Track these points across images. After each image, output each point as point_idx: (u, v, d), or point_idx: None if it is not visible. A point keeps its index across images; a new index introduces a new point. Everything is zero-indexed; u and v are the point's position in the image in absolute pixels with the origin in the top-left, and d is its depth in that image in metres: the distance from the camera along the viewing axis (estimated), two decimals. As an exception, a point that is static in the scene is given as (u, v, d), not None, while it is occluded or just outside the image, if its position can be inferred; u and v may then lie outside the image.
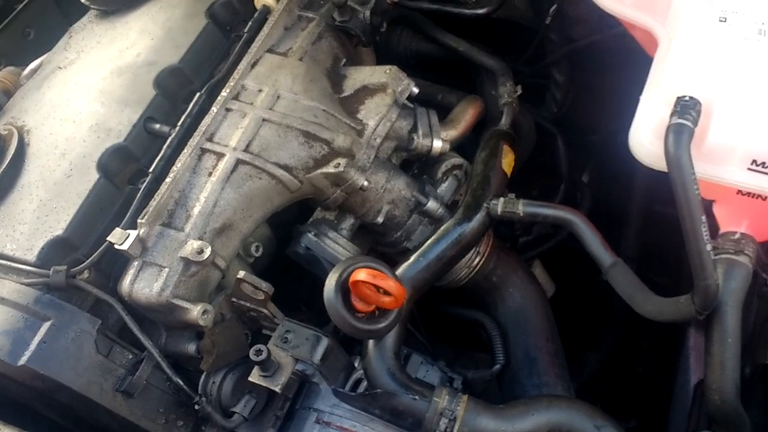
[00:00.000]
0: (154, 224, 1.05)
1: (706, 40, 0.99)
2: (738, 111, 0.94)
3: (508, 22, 1.64)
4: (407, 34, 1.59)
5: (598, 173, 1.80)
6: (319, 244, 1.16)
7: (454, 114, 1.31)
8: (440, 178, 1.24)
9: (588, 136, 1.77)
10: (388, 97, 1.19)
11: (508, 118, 1.29)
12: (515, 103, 1.32)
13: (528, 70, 1.68)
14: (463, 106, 1.33)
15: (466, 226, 1.13)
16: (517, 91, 1.33)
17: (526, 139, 1.56)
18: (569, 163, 1.64)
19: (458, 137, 1.27)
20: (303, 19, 1.29)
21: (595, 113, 1.76)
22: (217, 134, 1.14)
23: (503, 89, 1.33)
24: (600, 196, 1.78)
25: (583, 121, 1.77)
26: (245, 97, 1.18)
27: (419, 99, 1.49)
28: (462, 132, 1.27)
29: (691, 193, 0.90)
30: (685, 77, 0.97)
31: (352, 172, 1.12)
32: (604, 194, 1.81)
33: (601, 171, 1.80)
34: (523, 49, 1.73)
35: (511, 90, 1.33)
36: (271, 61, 1.22)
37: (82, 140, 1.17)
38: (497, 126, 1.28)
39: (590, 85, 1.71)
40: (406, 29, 1.58)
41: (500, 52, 1.66)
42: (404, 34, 1.59)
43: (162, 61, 1.25)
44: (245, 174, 1.10)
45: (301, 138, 1.13)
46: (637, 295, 1.02)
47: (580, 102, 1.72)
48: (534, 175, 1.69)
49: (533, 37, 1.69)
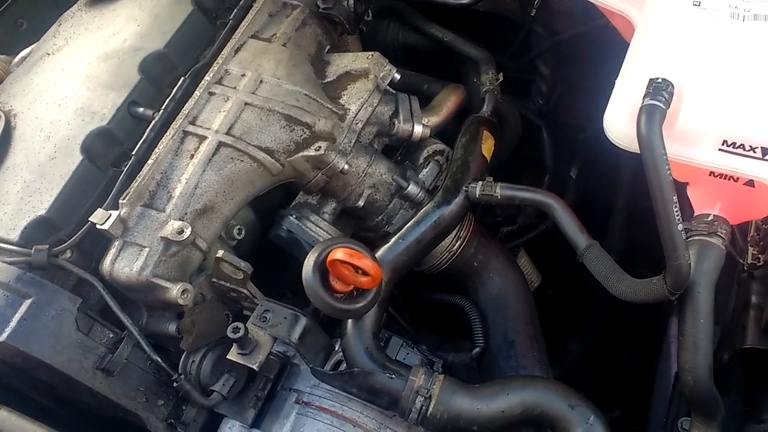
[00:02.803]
0: (135, 205, 1.06)
1: (680, 23, 1.00)
2: (709, 93, 0.95)
3: (495, 15, 1.65)
4: (394, 25, 1.60)
5: (586, 169, 1.81)
6: (301, 227, 1.17)
7: (436, 101, 1.32)
8: (422, 164, 1.25)
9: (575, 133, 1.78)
10: (369, 82, 1.20)
11: (490, 105, 1.31)
12: (497, 91, 1.33)
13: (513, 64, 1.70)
14: (445, 94, 1.34)
15: (444, 209, 1.14)
16: (498, 78, 1.34)
17: (512, 131, 1.58)
18: (554, 155, 1.65)
19: (440, 123, 1.28)
20: (287, 6, 1.30)
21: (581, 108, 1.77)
22: (199, 117, 1.15)
23: (485, 77, 1.35)
24: (587, 190, 1.80)
25: (569, 117, 1.78)
26: (228, 81, 1.19)
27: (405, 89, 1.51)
28: (444, 118, 1.29)
29: (663, 174, 0.91)
30: (658, 60, 0.98)
31: (333, 156, 1.14)
32: (591, 189, 1.82)
33: (589, 166, 1.81)
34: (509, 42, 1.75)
35: (493, 78, 1.34)
36: (255, 46, 1.23)
37: (67, 123, 1.18)
38: (478, 112, 1.29)
39: (576, 79, 1.72)
40: (393, 21, 1.59)
41: (487, 45, 1.68)
42: (391, 25, 1.61)
43: (147, 47, 1.26)
44: (227, 156, 1.11)
45: (282, 121, 1.15)
46: (611, 276, 1.03)
47: (566, 97, 1.73)
48: (520, 169, 1.71)
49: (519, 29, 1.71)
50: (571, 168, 1.80)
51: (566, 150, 1.78)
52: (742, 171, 0.93)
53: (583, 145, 1.78)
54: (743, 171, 0.93)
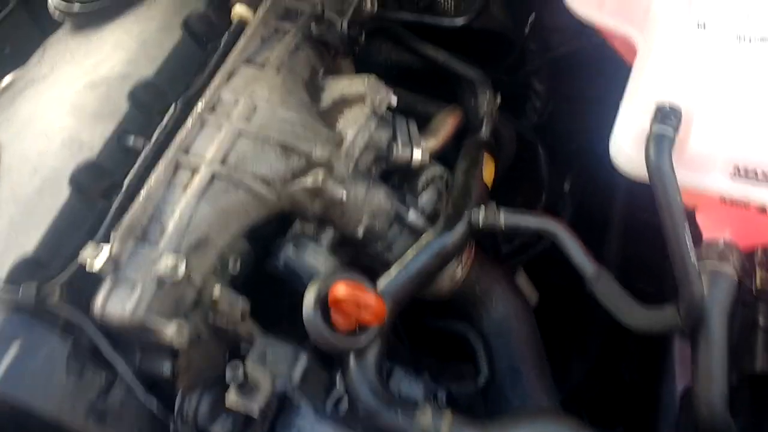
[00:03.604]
0: (126, 240, 1.02)
1: (685, 46, 0.98)
2: (719, 118, 0.93)
3: (487, 32, 1.63)
4: (387, 45, 1.58)
5: (579, 181, 1.79)
6: (298, 258, 1.13)
7: (433, 124, 1.30)
8: (421, 189, 1.22)
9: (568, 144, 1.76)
10: (366, 107, 1.17)
11: (488, 127, 1.28)
12: (495, 113, 1.31)
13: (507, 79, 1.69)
14: (442, 116, 1.31)
15: (447, 237, 1.11)
16: (496, 100, 1.31)
17: (507, 149, 1.55)
18: (550, 172, 1.63)
19: (438, 147, 1.25)
20: (280, 30, 1.27)
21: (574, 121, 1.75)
22: (192, 147, 1.12)
23: (482, 98, 1.32)
24: (582, 203, 1.77)
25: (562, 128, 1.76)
26: (221, 109, 1.16)
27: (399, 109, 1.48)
28: (442, 142, 1.26)
29: (675, 204, 0.89)
30: (664, 84, 0.96)
31: (331, 184, 1.10)
32: (586, 202, 1.80)
33: (582, 179, 1.79)
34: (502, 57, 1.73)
35: (491, 99, 1.31)
36: (248, 72, 1.20)
37: (54, 155, 1.14)
38: (477, 135, 1.26)
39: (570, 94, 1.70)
40: (385, 40, 1.57)
41: (480, 61, 1.66)
42: (384, 45, 1.58)
43: (136, 74, 1.22)
44: (221, 188, 1.08)
45: (278, 150, 1.11)
46: (621, 306, 1.00)
47: (559, 109, 1.71)
48: (515, 185, 1.68)
49: (512, 46, 1.69)
50: (564, 181, 1.78)
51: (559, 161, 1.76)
52: (755, 199, 0.91)
53: (575, 157, 1.77)
54: (755, 199, 0.91)
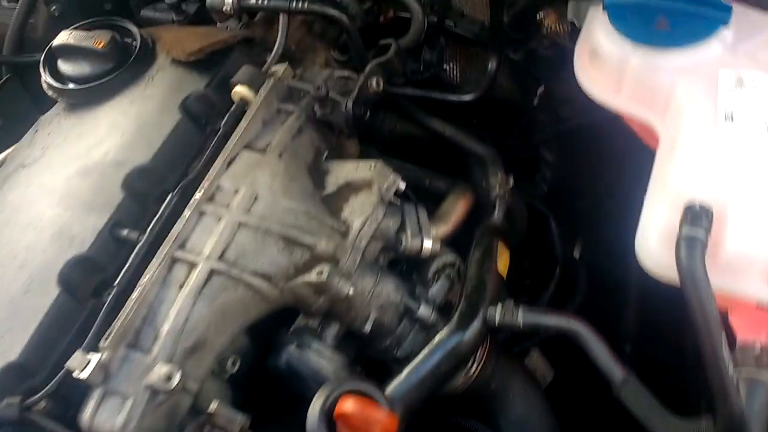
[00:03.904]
0: (118, 347, 0.95)
1: (713, 139, 0.92)
2: (754, 217, 0.87)
3: (495, 100, 1.59)
4: (391, 116, 1.53)
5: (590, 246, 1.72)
6: (301, 357, 1.06)
7: (443, 208, 1.24)
8: (431, 278, 1.16)
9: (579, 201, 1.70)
10: (373, 195, 1.11)
11: (501, 211, 1.22)
12: (508, 195, 1.25)
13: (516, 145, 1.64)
14: (452, 199, 1.25)
15: (461, 336, 1.04)
16: (508, 182, 1.26)
17: (518, 224, 1.49)
18: (563, 245, 1.57)
19: (449, 233, 1.19)
20: (282, 112, 1.22)
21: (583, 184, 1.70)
22: (189, 241, 1.05)
23: (494, 180, 1.26)
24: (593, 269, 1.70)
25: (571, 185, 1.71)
26: (221, 199, 1.10)
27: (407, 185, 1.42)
28: (453, 228, 1.20)
29: (710, 313, 0.82)
30: (692, 181, 0.90)
31: (337, 280, 1.04)
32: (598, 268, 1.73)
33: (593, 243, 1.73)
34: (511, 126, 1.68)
35: (503, 180, 1.26)
36: (249, 158, 1.14)
37: (43, 250, 1.08)
38: (490, 220, 1.20)
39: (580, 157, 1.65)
40: (390, 112, 1.52)
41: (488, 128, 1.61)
42: (389, 116, 1.53)
43: (132, 160, 1.17)
44: (219, 285, 1.01)
45: (280, 243, 1.05)
46: (652, 416, 0.92)
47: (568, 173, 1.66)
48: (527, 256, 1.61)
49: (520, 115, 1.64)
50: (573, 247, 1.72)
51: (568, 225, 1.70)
52: (797, 306, 0.84)
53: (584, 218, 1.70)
54: (797, 306, 0.84)
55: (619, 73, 1.05)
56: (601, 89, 1.08)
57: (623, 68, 1.04)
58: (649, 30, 1.01)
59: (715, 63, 0.99)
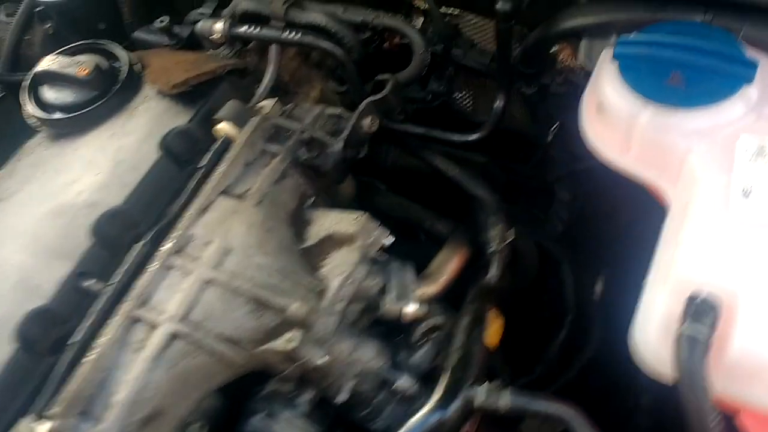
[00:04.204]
0: (68, 415, 0.89)
1: (726, 219, 0.81)
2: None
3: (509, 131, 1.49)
4: (395, 150, 1.44)
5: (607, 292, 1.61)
6: (271, 428, 0.99)
7: (434, 265, 1.14)
8: (417, 342, 1.07)
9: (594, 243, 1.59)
10: (355, 251, 1.03)
11: (498, 269, 1.12)
12: (506, 252, 1.15)
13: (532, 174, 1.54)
14: (445, 255, 1.16)
15: (441, 414, 0.95)
16: (508, 236, 1.16)
17: (527, 267, 1.39)
18: (576, 294, 1.46)
19: (438, 294, 1.10)
20: (266, 153, 1.14)
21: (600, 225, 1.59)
22: (153, 298, 0.98)
23: (493, 232, 1.16)
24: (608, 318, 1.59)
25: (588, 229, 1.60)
26: (191, 251, 1.02)
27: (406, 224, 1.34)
28: (443, 288, 1.10)
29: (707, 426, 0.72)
30: (700, 266, 0.80)
31: (308, 348, 0.96)
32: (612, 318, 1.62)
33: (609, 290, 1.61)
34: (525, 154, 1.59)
35: (502, 235, 1.16)
36: (225, 205, 1.07)
37: (3, 298, 1.02)
38: (484, 281, 1.11)
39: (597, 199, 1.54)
40: (393, 145, 1.43)
41: (501, 155, 1.52)
42: (391, 149, 1.45)
43: (104, 202, 1.10)
44: (180, 350, 0.94)
45: (250, 305, 0.97)
46: None
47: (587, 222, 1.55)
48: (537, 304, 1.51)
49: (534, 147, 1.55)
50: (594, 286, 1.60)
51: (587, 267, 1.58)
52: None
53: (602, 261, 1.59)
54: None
55: (628, 131, 0.94)
56: (607, 146, 0.98)
57: (632, 126, 0.93)
58: (661, 86, 0.90)
59: (735, 127, 0.88)
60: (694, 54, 0.91)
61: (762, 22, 0.97)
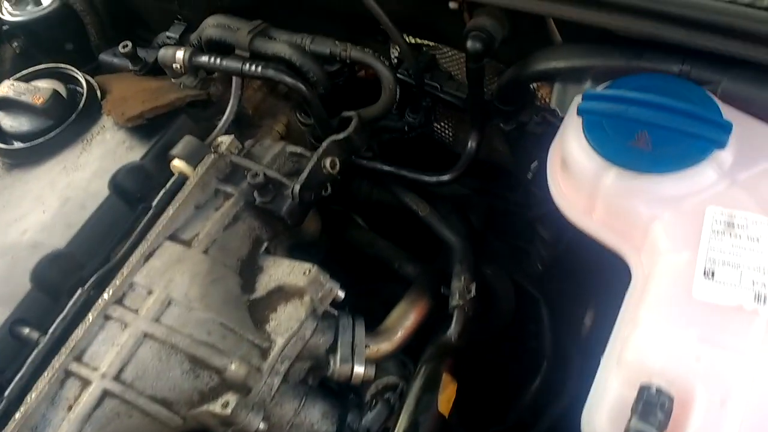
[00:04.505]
0: (-12, 479, 0.85)
1: (686, 302, 0.74)
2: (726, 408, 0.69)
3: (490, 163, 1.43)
4: (367, 184, 1.39)
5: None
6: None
7: (391, 320, 1.08)
8: (369, 401, 1.01)
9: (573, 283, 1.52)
10: (303, 307, 0.97)
11: (458, 326, 1.06)
12: (468, 308, 1.09)
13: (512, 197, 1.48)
14: (403, 308, 1.10)
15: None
16: (471, 290, 1.09)
17: (503, 309, 1.34)
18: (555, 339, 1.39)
19: (393, 351, 1.04)
20: (220, 194, 1.08)
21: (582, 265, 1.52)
22: (87, 352, 0.94)
23: (456, 284, 1.10)
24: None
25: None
26: (131, 302, 0.97)
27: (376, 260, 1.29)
28: (398, 346, 1.04)
29: None
30: (655, 353, 0.73)
31: (244, 413, 0.91)
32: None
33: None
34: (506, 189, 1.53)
35: (466, 287, 1.09)
36: (171, 252, 1.01)
37: (-62, 346, 0.98)
38: (442, 339, 1.05)
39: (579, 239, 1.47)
40: (366, 180, 1.38)
41: (482, 188, 1.46)
42: (364, 183, 1.39)
43: (48, 243, 1.06)
44: (112, 410, 0.90)
45: (186, 364, 0.92)
46: None
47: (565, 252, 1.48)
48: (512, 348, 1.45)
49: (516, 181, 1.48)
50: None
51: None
52: None
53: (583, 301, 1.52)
54: None
55: (592, 192, 0.87)
56: (571, 205, 0.91)
57: (596, 186, 0.86)
58: (626, 147, 0.84)
59: (704, 195, 0.81)
60: (662, 113, 0.84)
61: (742, 76, 0.90)
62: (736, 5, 0.86)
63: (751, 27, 0.84)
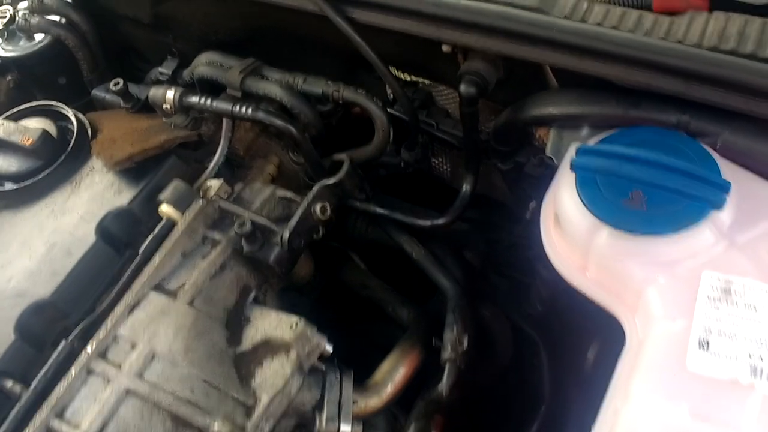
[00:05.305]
0: None
1: (678, 375, 0.71)
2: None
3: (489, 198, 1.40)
4: (362, 221, 1.36)
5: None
6: None
7: (380, 373, 1.05)
8: (358, 457, 0.99)
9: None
10: (289, 363, 0.95)
11: (450, 380, 1.04)
12: (460, 361, 1.06)
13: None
14: (394, 360, 1.07)
15: None
16: (463, 343, 1.06)
17: (501, 352, 1.31)
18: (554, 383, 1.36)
19: (382, 407, 1.01)
20: (207, 241, 1.06)
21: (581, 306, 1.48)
22: (69, 408, 0.92)
23: (449, 336, 1.07)
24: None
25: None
26: (114, 355, 0.95)
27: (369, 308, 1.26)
28: (387, 400, 1.02)
29: None
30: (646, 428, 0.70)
31: (227, 476, 0.88)
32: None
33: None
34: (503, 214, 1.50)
35: (458, 339, 1.06)
36: (156, 303, 0.99)
37: None
38: (432, 393, 1.02)
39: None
40: (361, 217, 1.35)
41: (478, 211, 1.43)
42: (359, 220, 1.37)
43: (33, 292, 1.04)
44: (92, 472, 0.88)
45: (168, 423, 0.90)
46: None
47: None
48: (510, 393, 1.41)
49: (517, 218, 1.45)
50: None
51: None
52: None
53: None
54: None
55: (585, 250, 0.84)
56: (564, 263, 0.89)
57: (590, 245, 0.84)
58: (619, 206, 0.81)
59: (700, 258, 0.78)
60: (658, 171, 0.81)
61: (744, 129, 0.86)
62: (736, 56, 0.83)
63: (754, 81, 0.81)
